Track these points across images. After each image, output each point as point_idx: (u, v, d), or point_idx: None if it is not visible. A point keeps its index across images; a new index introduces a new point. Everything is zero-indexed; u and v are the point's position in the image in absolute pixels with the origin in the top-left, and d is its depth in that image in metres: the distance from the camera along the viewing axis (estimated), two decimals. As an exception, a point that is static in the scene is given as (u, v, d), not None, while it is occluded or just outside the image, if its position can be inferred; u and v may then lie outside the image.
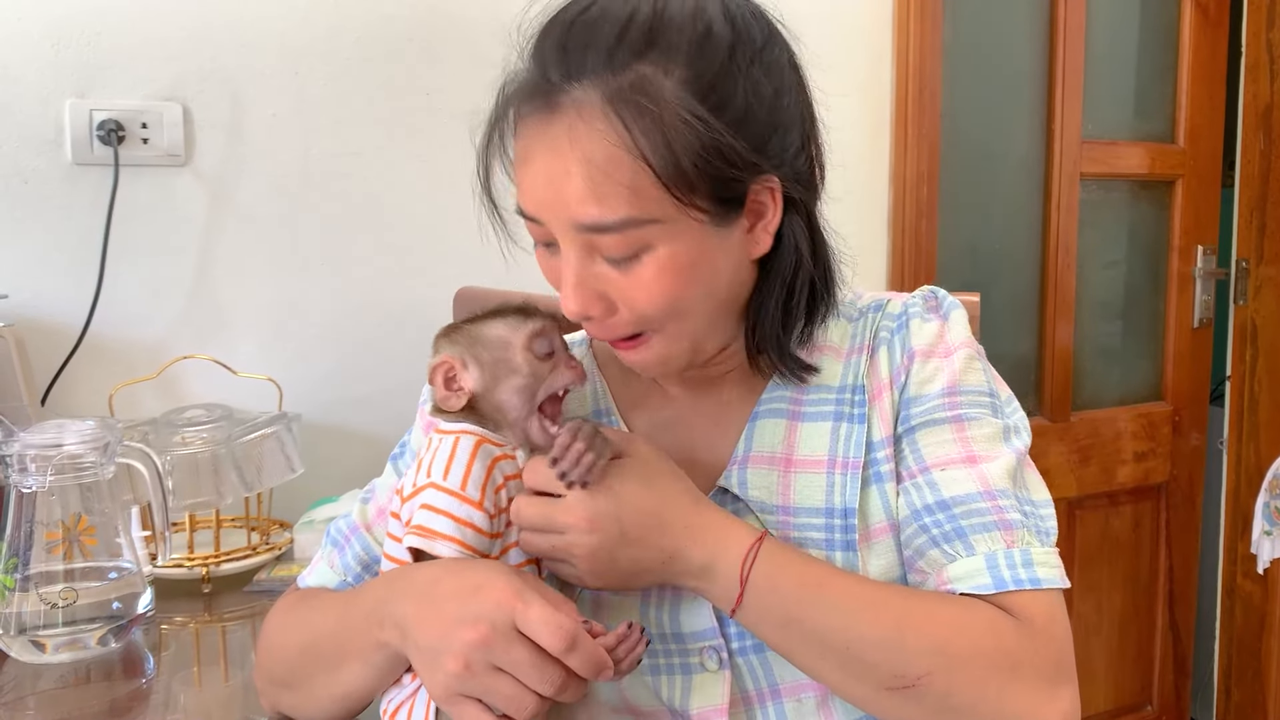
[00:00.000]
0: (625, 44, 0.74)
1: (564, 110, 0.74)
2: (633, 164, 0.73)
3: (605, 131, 0.73)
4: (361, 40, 1.67)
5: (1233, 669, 2.39)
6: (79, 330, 1.52)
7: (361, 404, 1.69)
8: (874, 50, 2.05)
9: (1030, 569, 0.78)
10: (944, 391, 0.84)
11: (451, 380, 0.82)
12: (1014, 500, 0.81)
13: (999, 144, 2.26)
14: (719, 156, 0.74)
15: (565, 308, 0.79)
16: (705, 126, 0.73)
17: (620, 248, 0.76)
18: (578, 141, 0.73)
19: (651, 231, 0.75)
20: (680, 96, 0.73)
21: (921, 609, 0.77)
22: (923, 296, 0.90)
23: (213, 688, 1.15)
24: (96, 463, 1.15)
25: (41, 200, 1.53)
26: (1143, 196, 2.42)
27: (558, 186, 0.75)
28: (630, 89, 0.73)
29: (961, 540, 0.79)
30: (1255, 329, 2.29)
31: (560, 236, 0.77)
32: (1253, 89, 2.26)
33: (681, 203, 0.74)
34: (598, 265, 0.77)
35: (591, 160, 0.73)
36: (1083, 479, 2.34)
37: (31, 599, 1.12)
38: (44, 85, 1.52)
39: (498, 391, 0.81)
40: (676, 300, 0.78)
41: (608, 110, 0.73)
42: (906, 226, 2.07)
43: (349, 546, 0.94)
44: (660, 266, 0.76)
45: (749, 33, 0.78)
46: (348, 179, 1.69)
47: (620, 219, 0.74)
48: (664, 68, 0.73)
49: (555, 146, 0.74)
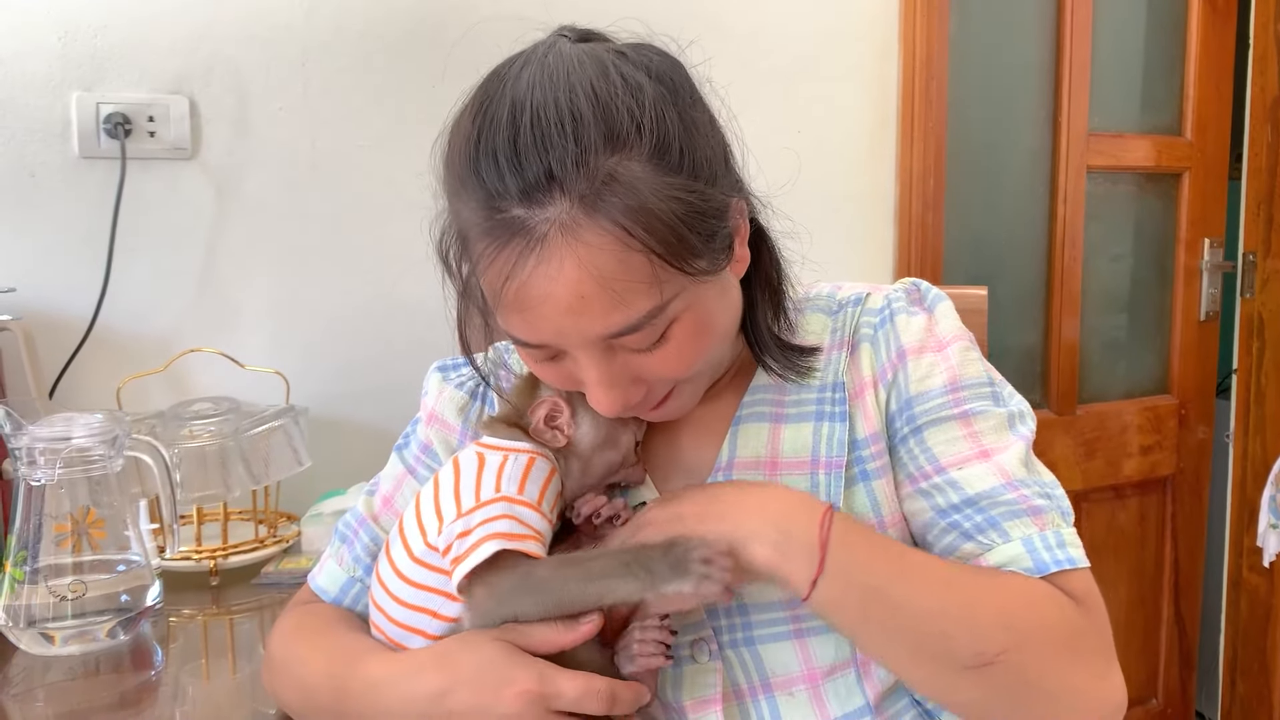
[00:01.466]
0: (583, 147, 0.69)
1: (552, 241, 0.69)
2: (644, 259, 0.70)
3: (605, 242, 0.69)
4: (368, 33, 1.67)
5: (1238, 662, 2.39)
6: (87, 323, 1.53)
7: (369, 397, 1.69)
8: (880, 43, 2.04)
9: (1064, 549, 0.79)
10: (946, 388, 0.84)
11: (556, 422, 0.82)
12: (1035, 487, 0.81)
13: (1005, 137, 2.25)
14: (706, 213, 0.73)
15: (600, 408, 0.78)
16: (688, 192, 0.72)
17: (647, 339, 0.75)
18: (584, 265, 0.69)
19: (672, 309, 0.74)
20: (653, 175, 0.71)
21: (990, 583, 0.77)
22: (905, 290, 0.90)
23: (221, 680, 1.15)
24: (105, 456, 1.15)
25: (48, 194, 1.53)
26: (1149, 189, 2.41)
27: (577, 315, 0.71)
28: (606, 189, 0.69)
29: (995, 529, 0.79)
30: (1262, 322, 2.29)
31: (577, 350, 0.75)
32: (1260, 81, 2.25)
33: (692, 273, 0.73)
34: (621, 356, 0.76)
35: (604, 275, 0.70)
36: (1088, 472, 2.34)
37: (40, 591, 1.13)
38: (50, 78, 1.52)
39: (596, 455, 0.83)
40: (705, 355, 0.79)
41: (597, 219, 0.69)
42: (913, 219, 2.07)
43: (357, 539, 0.94)
44: (686, 335, 0.76)
45: (674, 80, 0.75)
46: (355, 172, 1.69)
47: (646, 314, 0.72)
48: (626, 153, 0.70)
49: (561, 280, 0.70)
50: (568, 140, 0.69)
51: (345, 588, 0.94)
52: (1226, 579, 2.40)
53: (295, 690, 0.88)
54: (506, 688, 0.72)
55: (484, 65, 0.81)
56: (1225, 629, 2.41)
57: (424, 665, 0.76)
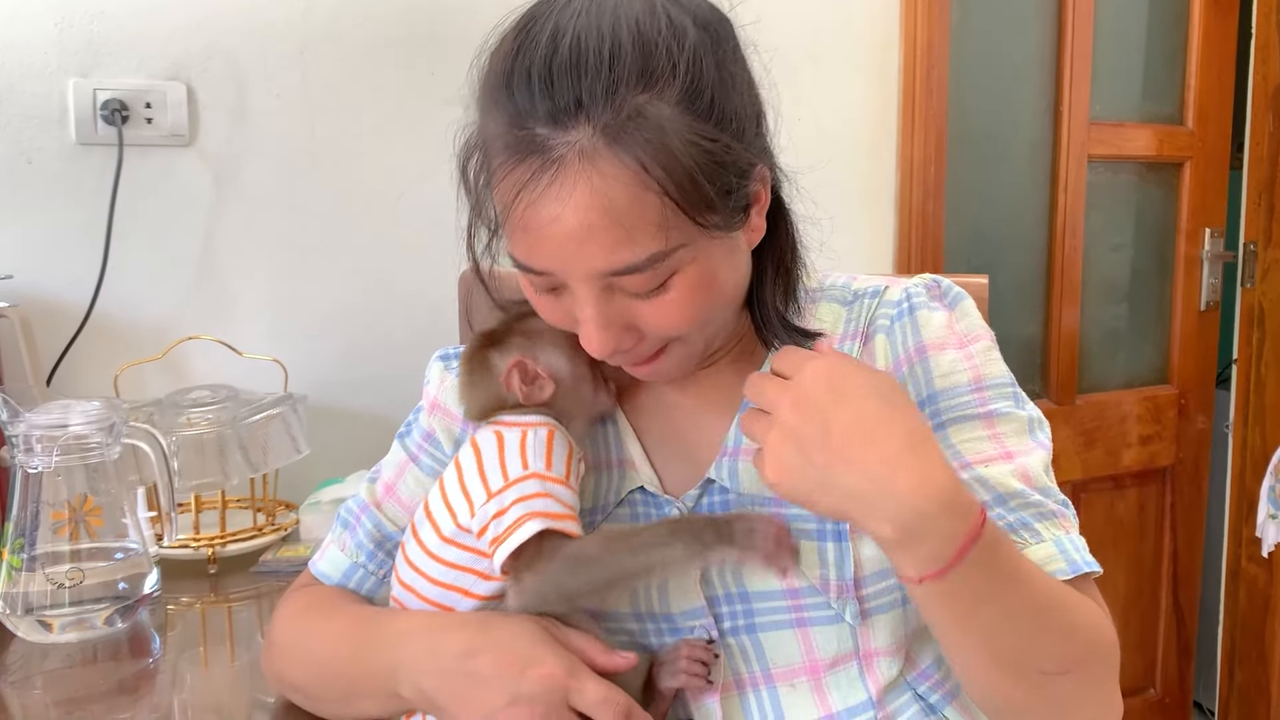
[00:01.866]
0: (616, 78, 0.69)
1: (569, 164, 0.69)
2: (657, 200, 0.70)
3: (620, 175, 0.69)
4: (367, 20, 1.66)
5: (1236, 652, 2.39)
6: (84, 311, 1.52)
7: (367, 385, 1.69)
8: (882, 32, 2.03)
9: (1085, 554, 0.79)
10: (971, 386, 0.83)
11: (530, 375, 0.82)
12: (1054, 495, 0.81)
13: (1006, 126, 2.24)
14: (727, 167, 0.73)
15: (590, 348, 0.76)
16: (711, 142, 0.71)
17: (648, 283, 0.73)
18: (596, 193, 0.69)
19: (677, 258, 0.73)
20: (680, 118, 0.70)
21: (1062, 590, 0.76)
22: (925, 285, 0.88)
23: (219, 667, 1.15)
24: (102, 443, 1.15)
25: (45, 180, 1.52)
26: (1150, 179, 2.41)
27: (580, 242, 0.71)
28: (632, 124, 0.69)
29: (1028, 529, 0.79)
30: (1263, 312, 2.28)
31: (577, 283, 0.74)
32: (1262, 70, 2.25)
33: (703, 224, 0.72)
34: (619, 300, 0.75)
35: (614, 208, 0.69)
36: (1088, 462, 2.34)
37: (38, 579, 1.13)
38: (47, 64, 1.51)
39: (578, 369, 0.83)
40: (703, 315, 0.77)
41: (617, 152, 0.69)
42: (913, 208, 2.06)
43: (360, 526, 0.94)
44: (688, 287, 0.74)
45: (719, 32, 0.75)
46: (353, 159, 1.68)
47: (650, 256, 0.71)
48: (658, 92, 0.70)
49: (571, 204, 0.70)
50: (602, 70, 0.69)
51: (348, 573, 0.94)
52: (1225, 569, 2.40)
53: (305, 665, 0.88)
54: (535, 666, 0.73)
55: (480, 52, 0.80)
56: (1224, 619, 2.42)
57: (459, 624, 0.77)
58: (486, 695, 0.73)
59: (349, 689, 0.84)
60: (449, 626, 0.78)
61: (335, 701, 0.86)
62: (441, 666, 0.76)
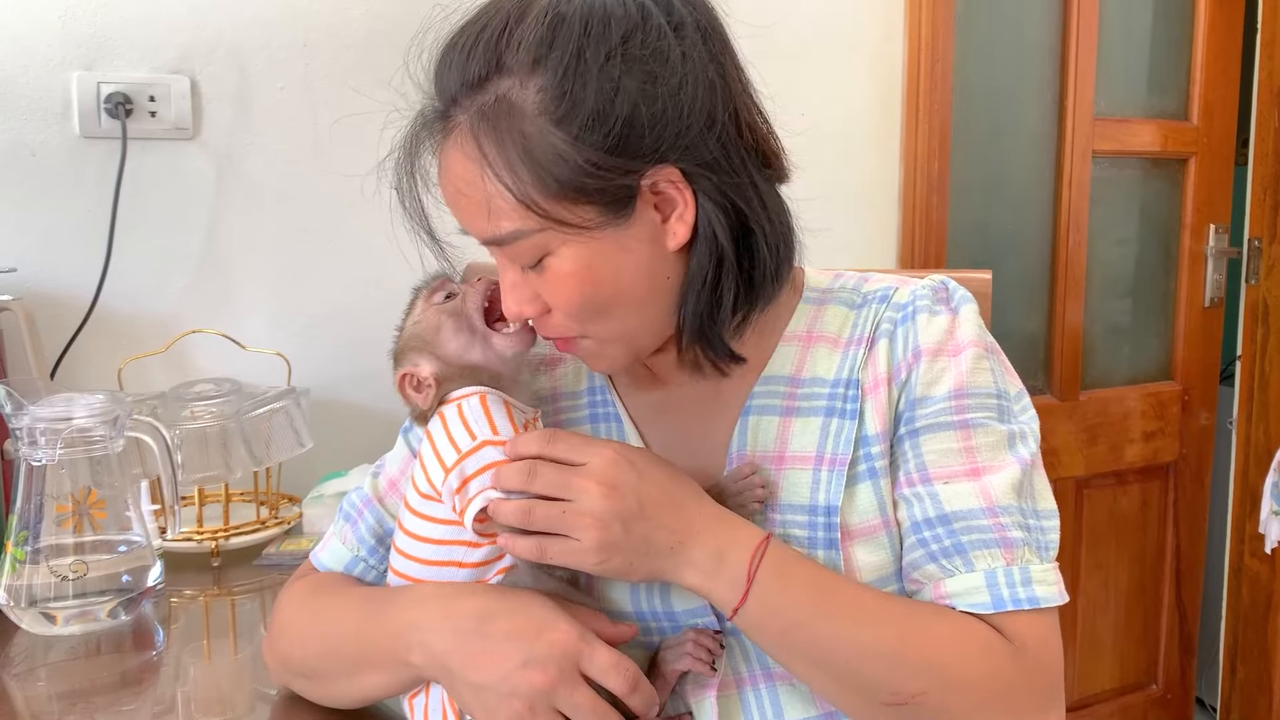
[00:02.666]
0: (477, 59, 0.75)
1: (450, 135, 0.77)
2: (494, 184, 0.74)
3: (472, 155, 0.75)
4: (370, 13, 1.66)
5: (1239, 648, 2.39)
6: (88, 304, 1.52)
7: (370, 378, 1.69)
8: (886, 25, 2.03)
9: (1029, 588, 0.77)
10: (951, 394, 0.81)
11: (419, 385, 0.85)
12: (1017, 515, 0.79)
13: (1011, 120, 2.24)
14: (574, 166, 0.72)
15: (505, 312, 0.82)
16: (554, 137, 0.72)
17: (524, 256, 0.77)
18: (458, 165, 0.76)
19: (543, 239, 0.76)
20: (535, 108, 0.73)
21: (920, 624, 0.77)
22: (932, 288, 0.86)
23: (222, 660, 1.15)
24: (106, 436, 1.15)
25: (49, 173, 1.53)
26: (1155, 174, 2.40)
27: (455, 205, 0.79)
28: (490, 110, 0.74)
29: (961, 556, 0.78)
30: (1267, 308, 2.28)
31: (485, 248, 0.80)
32: (1268, 66, 2.24)
33: (548, 217, 0.74)
34: (523, 271, 0.79)
35: (469, 182, 0.75)
36: (1091, 458, 2.34)
37: (42, 571, 1.13)
38: (51, 58, 1.51)
39: (447, 351, 0.84)
40: (585, 301, 0.77)
41: (473, 133, 0.75)
42: (917, 203, 2.06)
43: (362, 520, 0.94)
44: (564, 270, 0.77)
45: (605, 28, 0.73)
46: (357, 152, 1.67)
47: (507, 233, 0.76)
48: (519, 79, 0.73)
49: (446, 169, 0.78)
50: (468, 56, 0.75)
51: (349, 566, 0.94)
52: (1228, 565, 2.40)
53: (312, 643, 0.88)
54: (549, 630, 0.75)
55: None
56: (1226, 615, 2.42)
57: (477, 591, 0.79)
58: (500, 657, 0.75)
59: (357, 661, 0.84)
60: (465, 592, 0.80)
61: (343, 678, 0.86)
62: (456, 627, 0.77)
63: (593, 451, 0.76)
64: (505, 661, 0.74)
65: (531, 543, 0.75)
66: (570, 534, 0.75)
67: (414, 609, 0.80)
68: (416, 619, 0.79)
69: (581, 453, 0.76)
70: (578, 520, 0.74)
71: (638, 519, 0.75)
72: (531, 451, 0.77)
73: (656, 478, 0.77)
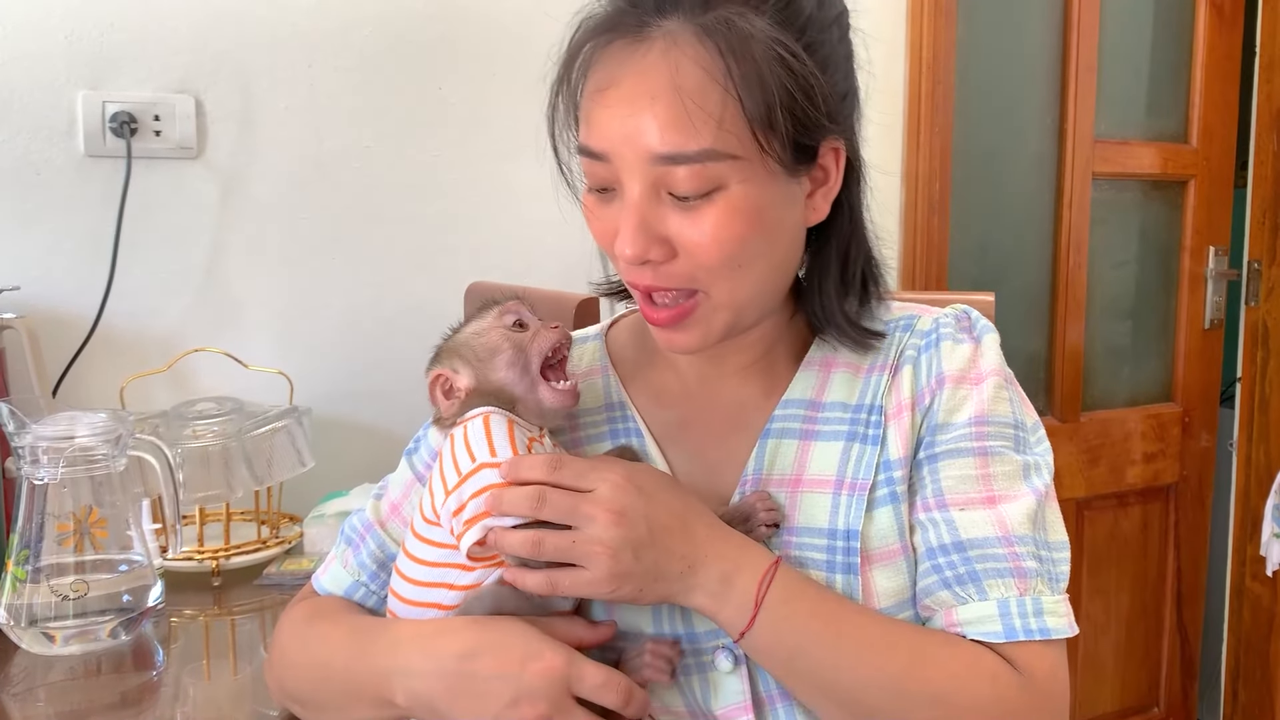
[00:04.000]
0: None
1: (655, 39, 0.73)
2: (722, 95, 0.72)
3: (699, 59, 0.72)
4: (375, 34, 1.67)
5: (1240, 670, 2.39)
6: (90, 322, 1.53)
7: (372, 398, 1.69)
8: (888, 47, 2.04)
9: (1040, 619, 0.77)
10: (971, 421, 0.82)
11: (450, 391, 0.83)
12: (1031, 546, 0.79)
13: (1011, 142, 2.25)
14: (806, 97, 0.74)
15: (621, 252, 0.76)
16: (798, 62, 0.73)
17: (693, 183, 0.73)
18: (669, 68, 0.72)
19: (728, 168, 0.73)
20: (772, 33, 0.73)
21: (928, 653, 0.76)
22: (955, 316, 0.88)
23: (222, 680, 1.15)
24: (108, 455, 1.15)
25: (54, 192, 1.53)
26: (1155, 196, 2.41)
27: (640, 113, 0.73)
28: (724, 23, 0.72)
29: (975, 584, 0.78)
30: (1267, 330, 2.28)
31: (628, 174, 0.75)
32: (1267, 90, 2.25)
33: (761, 143, 0.73)
34: (662, 206, 0.75)
35: (682, 87, 0.72)
36: (1092, 479, 2.33)
37: (43, 590, 1.13)
38: (57, 77, 1.52)
39: (492, 376, 0.82)
40: (739, 246, 0.76)
41: (703, 39, 0.72)
42: (919, 223, 2.07)
43: (364, 545, 0.94)
44: (731, 207, 0.74)
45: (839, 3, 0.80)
46: (360, 173, 1.69)
47: (702, 149, 0.72)
48: (755, 6, 0.74)
49: (644, 71, 0.73)
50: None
51: (350, 590, 0.93)
52: (1229, 587, 2.40)
53: (305, 672, 0.88)
54: (534, 661, 0.74)
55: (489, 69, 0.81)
56: (1227, 637, 2.41)
57: (456, 627, 0.78)
58: (490, 696, 0.74)
59: (346, 695, 0.83)
60: (443, 630, 0.78)
61: (334, 709, 0.86)
62: (440, 669, 0.76)
63: (598, 477, 0.75)
64: (495, 700, 0.73)
65: (541, 577, 0.75)
66: (581, 563, 0.74)
67: (396, 653, 0.79)
68: (398, 664, 0.78)
69: (587, 479, 0.75)
70: (588, 549, 0.73)
71: (647, 546, 0.74)
72: (536, 477, 0.76)
73: (665, 501, 0.76)
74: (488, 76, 1.67)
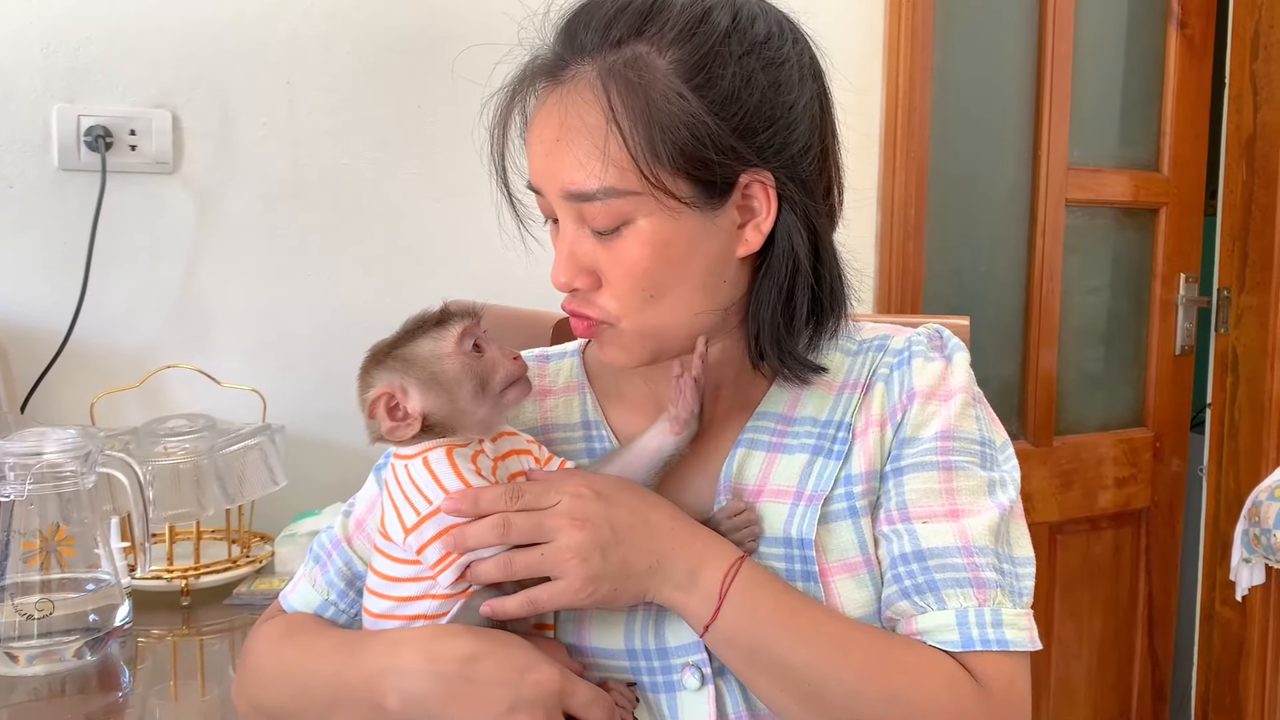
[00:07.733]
0: (622, 23, 0.78)
1: (564, 82, 0.78)
2: (612, 134, 0.76)
3: (592, 102, 0.76)
4: (353, 52, 1.67)
5: (1210, 695, 2.40)
6: (61, 337, 1.51)
7: (346, 417, 1.65)
8: (863, 73, 2.06)
9: (999, 629, 0.77)
10: (937, 436, 0.84)
11: (394, 409, 0.80)
12: (992, 558, 0.80)
13: (986, 169, 2.27)
14: (696, 135, 0.76)
15: (555, 280, 0.81)
16: (686, 102, 0.75)
17: (604, 219, 0.78)
18: (569, 110, 0.77)
19: (631, 204, 0.77)
20: (669, 74, 0.76)
21: (887, 654, 0.77)
22: (927, 335, 0.89)
23: (189, 702, 1.14)
24: (77, 472, 1.14)
25: (27, 206, 1.52)
26: (1127, 223, 2.44)
27: (550, 153, 0.78)
28: (623, 65, 0.76)
29: (933, 593, 0.79)
30: (1236, 357, 2.31)
31: (555, 207, 0.81)
32: (1236, 119, 2.29)
33: (650, 180, 0.76)
34: (587, 239, 0.80)
35: (578, 128, 0.77)
36: (1064, 504, 2.35)
37: (7, 610, 1.11)
38: (32, 90, 1.51)
39: (452, 406, 0.80)
40: (647, 278, 0.79)
41: (598, 82, 0.77)
42: (894, 248, 2.08)
43: (330, 562, 0.93)
44: (639, 240, 0.78)
45: (750, 25, 0.80)
46: (337, 190, 1.68)
47: (602, 187, 0.77)
48: (657, 47, 0.77)
49: (552, 114, 0.78)
50: (611, 16, 0.78)
51: (319, 609, 0.92)
52: (1200, 612, 2.41)
53: (284, 685, 0.87)
54: (532, 672, 0.76)
55: (468, 87, 0.82)
56: (1198, 662, 2.42)
57: (456, 633, 0.79)
58: (487, 701, 0.75)
59: (329, 705, 0.82)
60: (440, 635, 0.79)
61: None
62: (439, 671, 0.77)
63: (556, 493, 0.78)
64: (492, 706, 0.75)
65: (521, 599, 0.77)
66: (553, 574, 0.77)
67: (390, 652, 0.80)
68: (392, 663, 0.78)
69: (546, 496, 0.78)
70: (557, 558, 0.76)
71: (613, 545, 0.77)
72: (499, 509, 0.77)
73: (624, 502, 0.79)
74: (466, 94, 1.67)
